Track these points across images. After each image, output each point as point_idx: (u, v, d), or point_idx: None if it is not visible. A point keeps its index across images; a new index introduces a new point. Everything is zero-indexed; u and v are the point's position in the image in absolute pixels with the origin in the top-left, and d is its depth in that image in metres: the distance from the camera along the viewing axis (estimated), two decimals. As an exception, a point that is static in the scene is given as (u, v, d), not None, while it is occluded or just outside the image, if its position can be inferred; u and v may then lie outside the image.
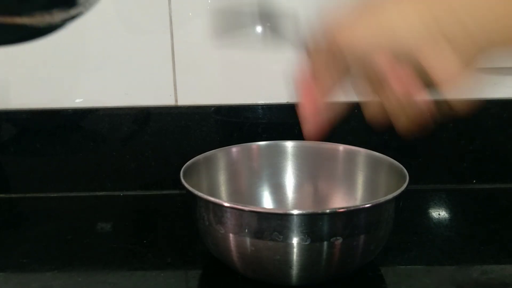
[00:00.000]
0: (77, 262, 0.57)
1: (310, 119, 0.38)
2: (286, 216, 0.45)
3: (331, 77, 0.36)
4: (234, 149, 0.66)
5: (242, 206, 0.46)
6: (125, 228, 0.67)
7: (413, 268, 0.55)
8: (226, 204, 0.47)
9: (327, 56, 0.35)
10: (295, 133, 0.75)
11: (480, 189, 0.78)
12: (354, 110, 0.75)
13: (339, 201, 0.64)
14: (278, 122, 0.70)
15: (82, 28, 0.73)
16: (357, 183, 0.63)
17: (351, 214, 0.46)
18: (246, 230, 0.46)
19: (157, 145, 0.76)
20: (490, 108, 0.76)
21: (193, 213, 0.52)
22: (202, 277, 0.54)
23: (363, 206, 0.47)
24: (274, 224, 0.45)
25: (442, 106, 0.34)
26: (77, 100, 0.76)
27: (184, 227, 0.66)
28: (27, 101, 0.75)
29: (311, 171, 0.67)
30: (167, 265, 0.57)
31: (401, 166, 0.56)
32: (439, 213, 0.70)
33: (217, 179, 0.64)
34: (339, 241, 0.45)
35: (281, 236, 0.45)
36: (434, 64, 0.32)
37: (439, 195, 0.75)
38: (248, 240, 0.46)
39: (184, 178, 0.53)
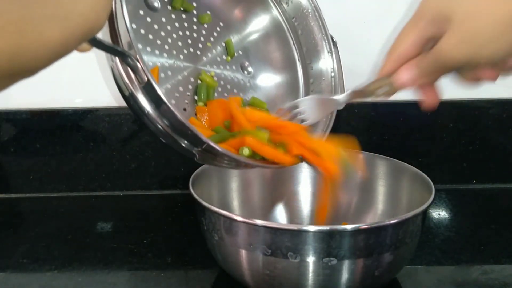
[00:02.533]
0: (77, 262, 0.57)
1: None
2: (302, 233, 0.42)
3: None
4: None
5: (255, 220, 0.43)
6: (125, 228, 0.67)
7: (413, 268, 0.54)
8: (238, 218, 0.44)
9: None
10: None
11: (480, 189, 0.78)
12: (354, 110, 0.76)
13: (358, 213, 0.61)
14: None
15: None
16: (377, 193, 0.60)
17: (374, 231, 0.43)
18: (259, 246, 0.43)
19: (157, 145, 0.76)
20: (490, 108, 0.76)
21: (201, 224, 0.50)
22: (202, 277, 0.54)
23: (388, 222, 0.43)
24: (289, 240, 0.42)
25: None
26: (77, 100, 0.76)
27: (184, 227, 0.66)
28: (27, 101, 0.75)
29: None
30: (167, 265, 0.56)
31: (424, 175, 0.53)
32: (439, 213, 0.70)
33: (228, 186, 0.61)
34: (360, 260, 0.43)
35: (297, 254, 0.42)
36: None
37: (439, 195, 0.75)
38: (260, 257, 0.44)
39: (193, 185, 0.50)
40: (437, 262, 0.56)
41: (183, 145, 0.46)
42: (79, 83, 0.75)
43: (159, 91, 0.41)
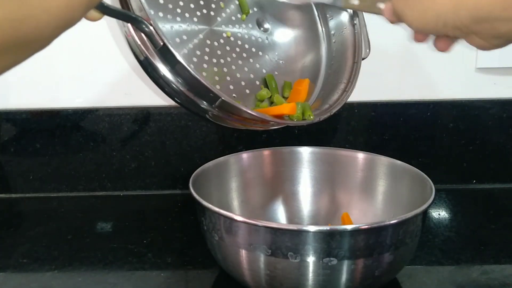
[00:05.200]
0: (77, 262, 0.57)
1: None
2: (302, 233, 0.42)
3: None
4: (245, 155, 0.63)
5: (255, 220, 0.43)
6: (125, 228, 0.67)
7: (413, 268, 0.54)
8: (238, 218, 0.44)
9: None
10: (295, 133, 0.76)
11: (480, 189, 0.78)
12: (354, 110, 0.76)
13: (358, 213, 0.61)
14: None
15: (82, 28, 0.73)
16: (377, 193, 0.60)
17: (374, 231, 0.43)
18: (259, 246, 0.43)
19: (157, 145, 0.76)
20: (490, 108, 0.76)
21: (201, 224, 0.50)
22: (202, 277, 0.54)
23: (388, 223, 0.43)
24: (289, 240, 0.42)
25: None
26: (77, 100, 0.76)
27: (184, 227, 0.66)
28: (27, 101, 0.75)
29: (328, 179, 0.63)
30: (167, 265, 0.56)
31: (424, 175, 0.53)
32: (439, 213, 0.70)
33: (228, 186, 0.61)
34: (360, 260, 0.43)
35: (297, 254, 0.42)
36: None
37: (439, 195, 0.75)
38: (261, 257, 0.44)
39: (193, 185, 0.50)
40: (437, 262, 0.56)
41: (198, 102, 0.47)
42: (79, 83, 0.75)
43: (175, 52, 0.42)
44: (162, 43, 0.42)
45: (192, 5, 0.51)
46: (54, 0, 0.29)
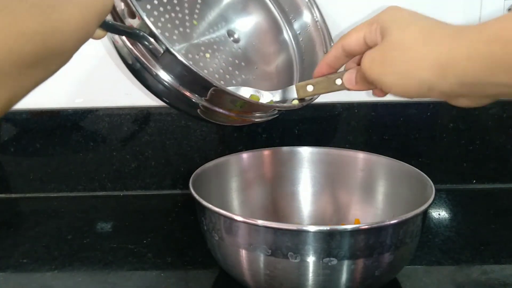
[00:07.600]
0: (77, 262, 0.57)
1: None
2: (302, 233, 0.42)
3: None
4: (245, 155, 0.63)
5: (255, 220, 0.43)
6: (125, 228, 0.67)
7: (413, 268, 0.55)
8: (238, 218, 0.44)
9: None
10: (295, 133, 0.76)
11: (480, 189, 0.78)
12: (354, 110, 0.76)
13: (359, 213, 0.61)
14: (278, 122, 0.70)
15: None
16: (377, 193, 0.60)
17: (374, 231, 0.43)
18: (259, 246, 0.43)
19: (157, 145, 0.76)
20: (490, 108, 0.75)
21: (201, 224, 0.50)
22: (202, 277, 0.54)
23: (388, 222, 0.43)
24: (289, 240, 0.42)
25: None
26: (77, 100, 0.76)
27: (184, 227, 0.66)
28: (27, 101, 0.75)
29: (328, 179, 0.63)
30: (167, 265, 0.57)
31: (424, 175, 0.53)
32: (439, 213, 0.70)
33: (228, 186, 0.61)
34: (360, 260, 0.43)
35: (297, 254, 0.42)
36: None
37: (439, 195, 0.75)
38: (261, 257, 0.44)
39: (193, 185, 0.51)
40: (437, 262, 0.56)
41: (189, 95, 0.49)
42: (79, 83, 0.75)
43: (180, 57, 0.44)
44: (162, 51, 0.44)
45: (169, 25, 0.56)
46: (71, 13, 0.31)
